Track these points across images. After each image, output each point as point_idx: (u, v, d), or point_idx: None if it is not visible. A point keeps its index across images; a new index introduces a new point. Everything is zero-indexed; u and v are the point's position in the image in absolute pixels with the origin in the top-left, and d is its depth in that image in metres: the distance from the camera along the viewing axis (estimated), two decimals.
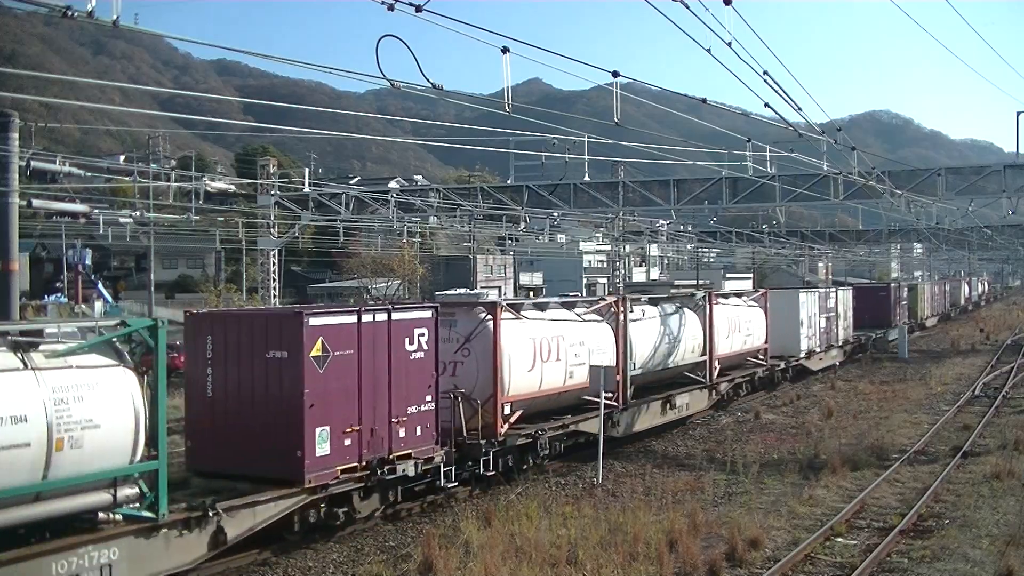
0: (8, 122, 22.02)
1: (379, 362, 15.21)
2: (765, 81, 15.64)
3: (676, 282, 77.54)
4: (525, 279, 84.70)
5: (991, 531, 15.32)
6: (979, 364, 42.68)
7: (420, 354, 16.05)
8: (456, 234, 61.76)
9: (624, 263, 75.55)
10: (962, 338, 57.51)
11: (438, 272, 74.98)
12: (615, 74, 15.62)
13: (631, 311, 23.42)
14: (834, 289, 44.43)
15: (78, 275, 62.06)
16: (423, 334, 16.13)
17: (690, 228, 67.01)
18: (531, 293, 74.76)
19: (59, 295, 64.48)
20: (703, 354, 27.41)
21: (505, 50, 13.89)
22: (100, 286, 68.59)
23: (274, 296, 38.86)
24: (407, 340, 15.76)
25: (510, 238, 67.99)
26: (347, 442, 14.58)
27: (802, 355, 36.35)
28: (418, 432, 15.92)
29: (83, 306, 56.94)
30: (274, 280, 38.92)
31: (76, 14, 9.63)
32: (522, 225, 43.22)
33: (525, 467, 19.39)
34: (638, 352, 23.81)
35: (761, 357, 32.38)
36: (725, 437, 25.18)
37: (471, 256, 65.42)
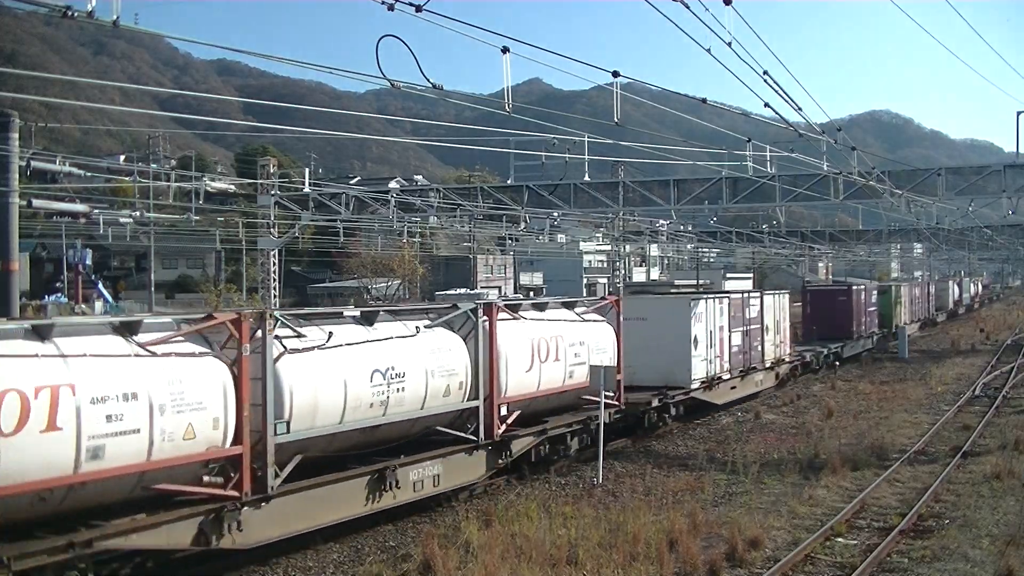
0: (8, 122, 22.14)
1: None
2: (765, 81, 15.68)
3: (676, 282, 77.72)
4: (525, 279, 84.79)
5: (991, 531, 15.32)
6: (979, 364, 42.68)
7: None
8: (456, 234, 61.88)
9: (624, 263, 75.65)
10: (962, 338, 57.58)
11: (438, 272, 75.21)
12: (615, 74, 15.67)
13: (294, 335, 14.10)
14: (758, 293, 33.79)
15: (78, 275, 62.17)
16: None
17: (690, 228, 67.08)
18: (531, 293, 74.76)
19: (59, 295, 64.61)
20: (474, 397, 17.67)
21: (505, 50, 13.93)
22: (100, 286, 68.81)
23: (274, 296, 38.90)
24: None
25: (510, 238, 68.06)
26: None
27: (695, 385, 26.32)
28: None
29: (83, 306, 57.00)
30: (274, 280, 38.95)
31: (76, 14, 9.65)
32: (522, 225, 43.28)
33: None
34: (304, 402, 14.01)
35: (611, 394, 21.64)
36: (725, 437, 25.18)
37: (471, 256, 65.60)
